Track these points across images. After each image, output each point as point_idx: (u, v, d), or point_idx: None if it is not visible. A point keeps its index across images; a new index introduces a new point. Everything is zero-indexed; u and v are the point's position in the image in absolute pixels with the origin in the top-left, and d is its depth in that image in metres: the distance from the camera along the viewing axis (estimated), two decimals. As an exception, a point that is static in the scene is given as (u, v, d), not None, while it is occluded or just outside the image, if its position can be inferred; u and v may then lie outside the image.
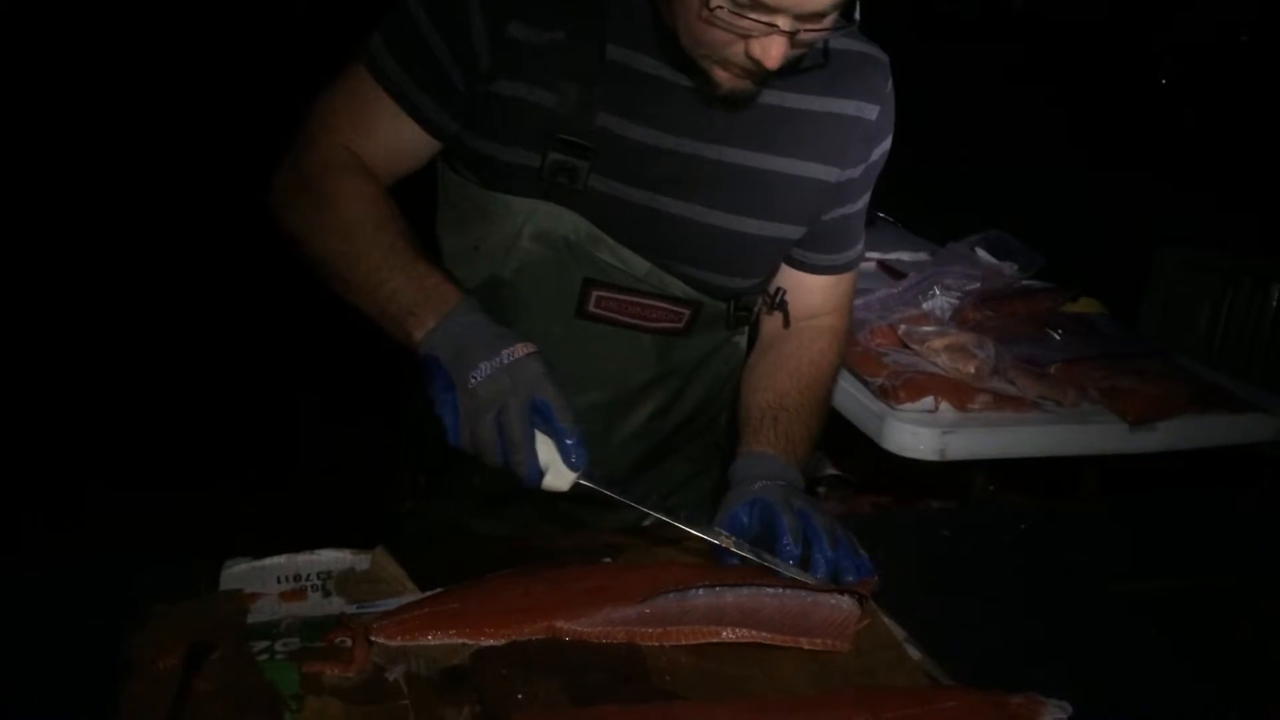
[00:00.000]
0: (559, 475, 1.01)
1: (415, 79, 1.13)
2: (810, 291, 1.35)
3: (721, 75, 1.07)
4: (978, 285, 2.16)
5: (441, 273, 1.09)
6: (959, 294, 2.12)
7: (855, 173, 1.26)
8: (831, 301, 1.36)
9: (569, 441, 0.99)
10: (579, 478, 1.02)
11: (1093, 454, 1.89)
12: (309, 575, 1.03)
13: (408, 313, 1.06)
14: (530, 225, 1.18)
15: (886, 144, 1.28)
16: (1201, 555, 1.27)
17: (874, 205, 1.37)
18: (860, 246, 1.37)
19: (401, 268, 1.08)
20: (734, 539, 1.05)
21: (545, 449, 1.00)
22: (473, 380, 0.99)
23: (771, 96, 1.17)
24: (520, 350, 1.01)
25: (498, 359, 1.00)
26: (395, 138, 1.16)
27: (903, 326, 2.00)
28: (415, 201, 1.26)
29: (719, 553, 1.08)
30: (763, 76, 1.07)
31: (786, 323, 1.35)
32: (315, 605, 0.99)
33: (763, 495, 1.10)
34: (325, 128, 1.17)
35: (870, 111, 1.23)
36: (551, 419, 0.99)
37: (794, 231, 1.26)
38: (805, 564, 1.05)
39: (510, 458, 0.99)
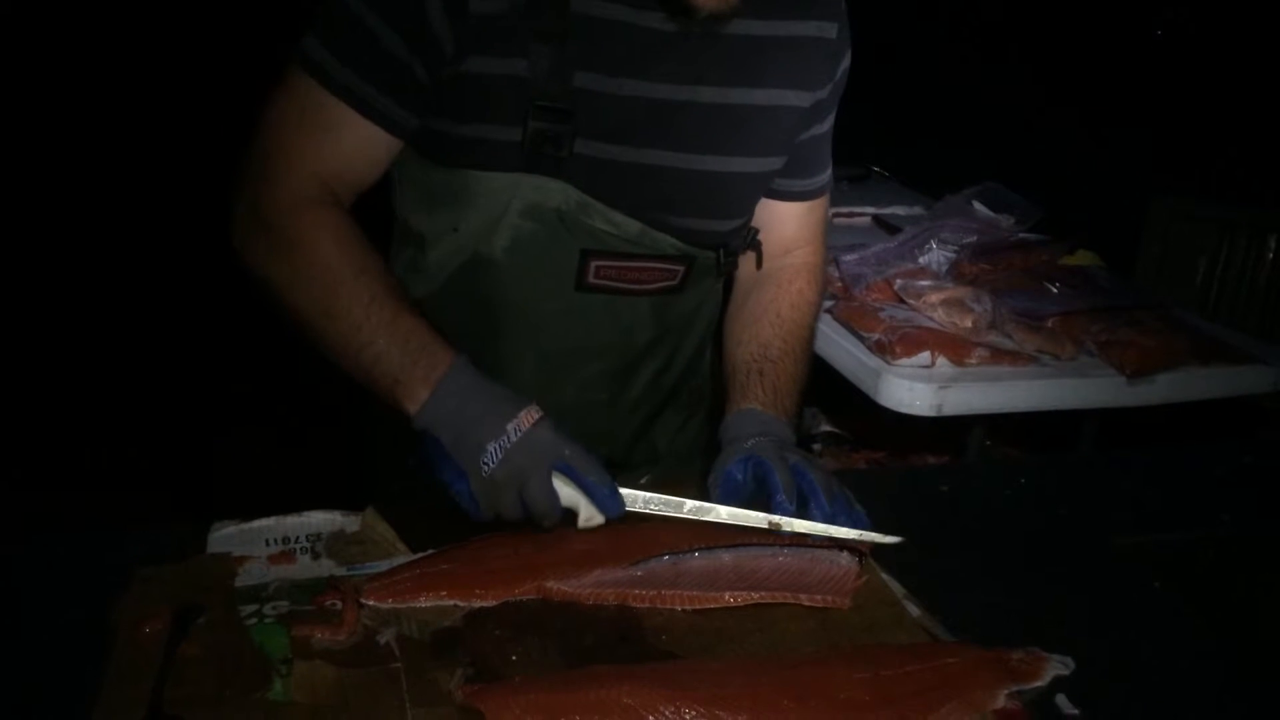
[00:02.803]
0: (593, 514, 1.00)
1: (374, 82, 1.05)
2: (784, 222, 1.33)
3: None
4: (974, 239, 2.14)
5: (427, 328, 1.03)
6: (955, 248, 2.11)
7: (823, 93, 1.23)
8: (806, 232, 1.34)
9: (604, 493, 0.98)
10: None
11: (1090, 407, 1.88)
12: (298, 537, 1.02)
13: (395, 380, 1.01)
14: (518, 201, 1.13)
15: (847, 61, 1.26)
16: (1203, 508, 1.26)
17: (869, 160, 1.34)
18: (829, 172, 1.34)
19: (385, 326, 1.01)
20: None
21: (568, 491, 0.99)
22: (485, 468, 0.96)
23: (738, 26, 1.13)
24: (526, 421, 0.97)
25: (504, 438, 0.96)
26: (360, 148, 1.08)
27: (899, 281, 1.99)
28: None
29: (723, 491, 1.07)
30: None
31: (759, 263, 1.33)
32: (304, 568, 0.98)
33: (755, 452, 1.09)
34: (283, 152, 1.06)
35: (830, 30, 1.20)
36: (579, 478, 0.98)
37: (775, 163, 1.24)
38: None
39: (538, 524, 0.98)
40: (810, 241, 1.36)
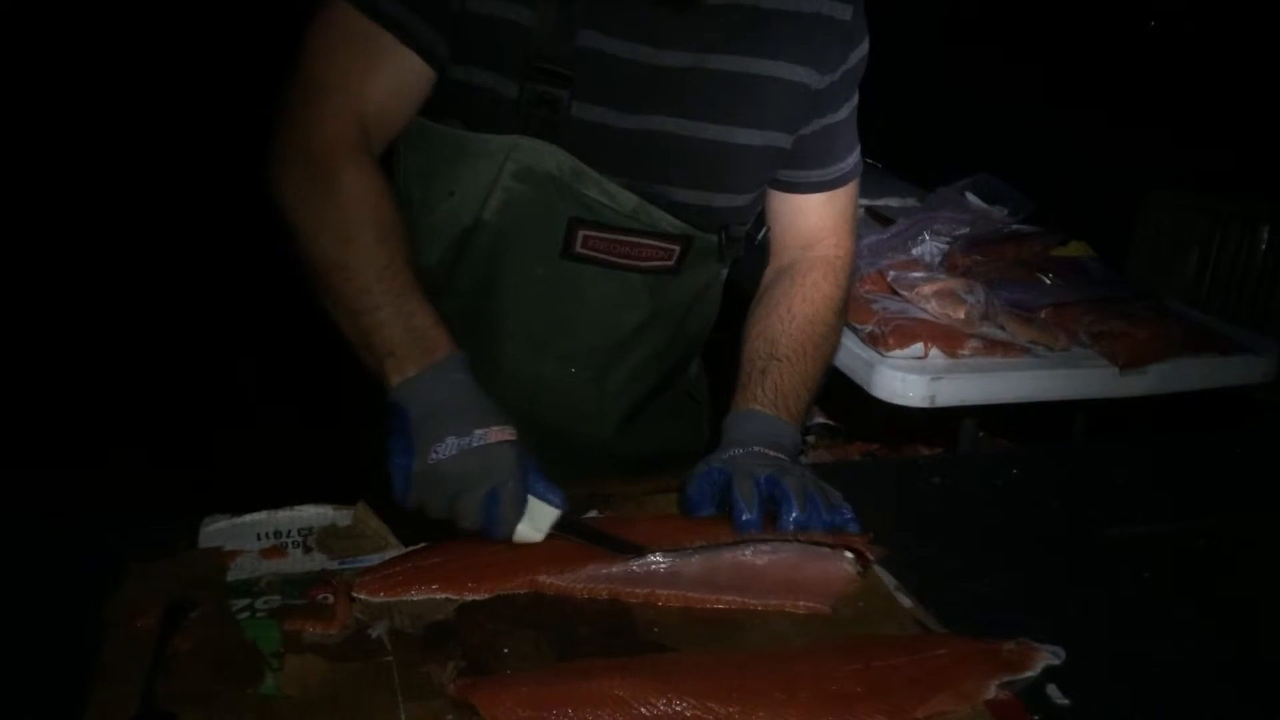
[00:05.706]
0: (527, 532, 0.97)
1: (415, 8, 1.05)
2: (804, 213, 1.30)
3: None
4: (967, 230, 2.14)
5: (434, 314, 1.01)
6: (948, 239, 2.10)
7: (835, 77, 1.21)
8: (828, 222, 1.30)
9: (493, 529, 0.94)
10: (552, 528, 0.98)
11: (1083, 398, 1.88)
12: (290, 532, 1.02)
13: (388, 352, 0.99)
14: (511, 163, 1.12)
15: (864, 48, 1.23)
16: (1195, 498, 1.27)
17: (862, 151, 1.32)
18: (852, 159, 1.30)
19: (393, 297, 1.00)
20: None
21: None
22: (434, 455, 0.93)
23: None
24: (494, 435, 0.94)
25: (467, 438, 0.93)
26: (399, 77, 1.07)
27: (892, 273, 1.99)
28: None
29: (689, 506, 1.06)
30: None
31: (769, 262, 1.31)
32: (296, 562, 0.98)
33: (723, 466, 1.07)
34: (325, 83, 1.05)
35: (844, 11, 1.18)
36: (495, 498, 0.93)
37: (780, 139, 1.21)
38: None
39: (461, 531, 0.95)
40: (833, 233, 1.31)
